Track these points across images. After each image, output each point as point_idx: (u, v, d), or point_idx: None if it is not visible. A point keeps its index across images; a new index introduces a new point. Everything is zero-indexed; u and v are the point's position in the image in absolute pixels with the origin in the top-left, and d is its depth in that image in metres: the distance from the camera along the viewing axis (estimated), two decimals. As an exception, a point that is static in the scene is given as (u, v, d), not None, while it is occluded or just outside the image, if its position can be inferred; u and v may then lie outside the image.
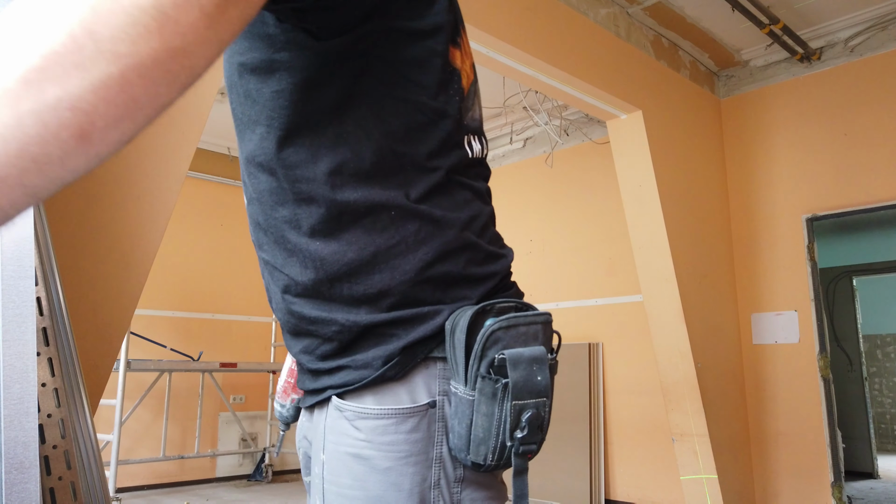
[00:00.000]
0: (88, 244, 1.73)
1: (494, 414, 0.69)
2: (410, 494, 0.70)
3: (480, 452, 0.70)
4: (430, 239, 0.73)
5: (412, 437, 0.71)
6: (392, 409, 0.71)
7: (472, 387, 0.69)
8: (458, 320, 0.71)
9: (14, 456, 0.91)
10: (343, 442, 0.73)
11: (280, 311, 0.79)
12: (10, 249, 0.98)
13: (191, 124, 1.96)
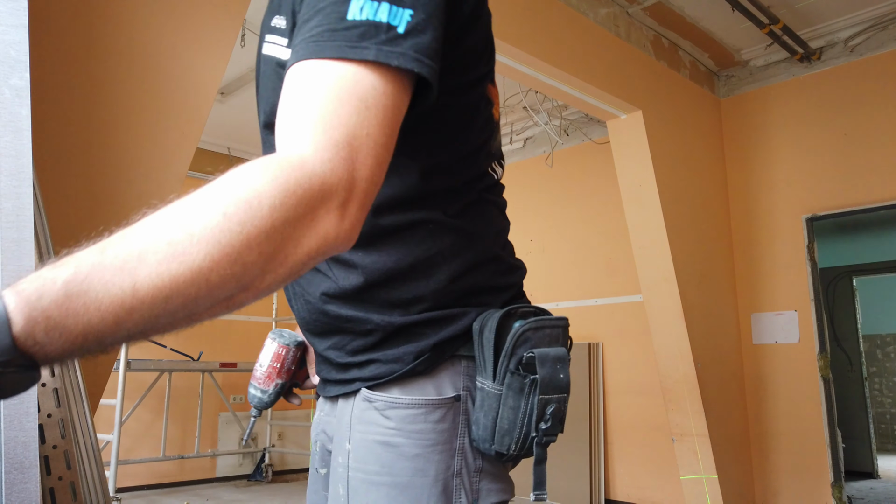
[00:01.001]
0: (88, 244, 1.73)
1: (520, 407, 0.75)
2: (435, 481, 0.75)
3: (505, 442, 0.75)
4: (464, 251, 0.80)
5: (439, 427, 0.76)
6: (422, 399, 0.77)
7: (500, 382, 0.76)
8: (486, 321, 0.77)
9: (14, 456, 0.90)
10: (372, 430, 0.77)
11: (310, 310, 0.84)
12: (10, 249, 0.98)
13: (191, 124, 1.96)
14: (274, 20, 0.78)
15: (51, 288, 0.43)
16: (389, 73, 0.60)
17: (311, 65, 0.59)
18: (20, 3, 1.10)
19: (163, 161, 1.89)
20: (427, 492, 0.75)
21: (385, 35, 0.60)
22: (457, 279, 0.79)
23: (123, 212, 1.81)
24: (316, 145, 0.54)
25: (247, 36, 4.19)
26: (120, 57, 1.83)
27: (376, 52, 0.59)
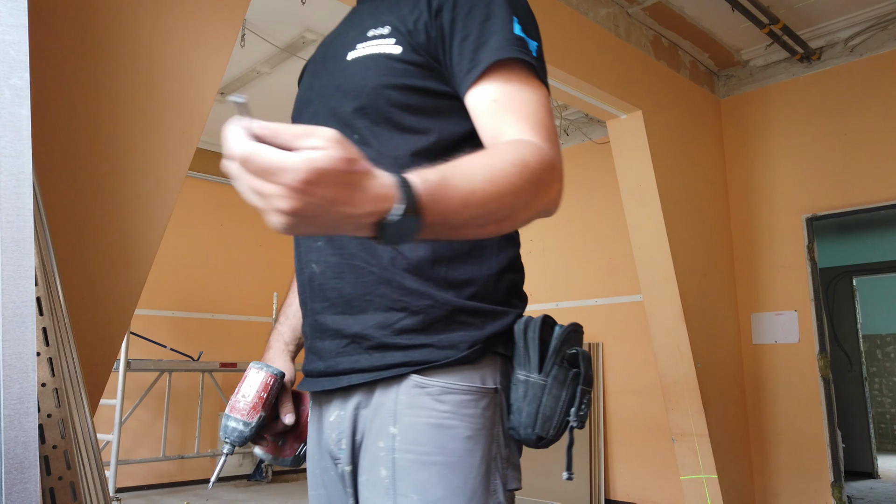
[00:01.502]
0: (88, 244, 1.73)
1: (561, 396, 0.88)
2: (482, 461, 0.84)
3: (546, 427, 0.87)
4: (506, 249, 0.93)
5: (486, 413, 0.86)
6: (475, 387, 0.86)
7: (545, 374, 0.87)
8: (528, 323, 0.89)
9: (14, 456, 0.91)
10: (424, 414, 0.84)
11: (363, 282, 0.89)
12: (10, 249, 0.98)
13: (191, 124, 1.96)
14: (369, 32, 0.95)
15: (432, 176, 0.65)
16: None
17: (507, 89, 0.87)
18: (20, 3, 1.10)
19: (163, 161, 1.89)
20: (474, 471, 0.83)
21: (532, 57, 0.88)
22: (502, 272, 0.92)
23: (123, 212, 1.81)
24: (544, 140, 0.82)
25: (247, 36, 4.19)
26: (120, 57, 1.83)
27: (535, 62, 0.88)
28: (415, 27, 0.92)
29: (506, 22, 0.87)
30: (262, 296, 6.33)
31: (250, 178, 0.57)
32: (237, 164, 0.57)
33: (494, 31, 0.87)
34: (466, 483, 0.82)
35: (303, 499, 5.06)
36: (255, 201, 0.60)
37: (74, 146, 1.73)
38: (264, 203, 0.59)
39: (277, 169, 0.56)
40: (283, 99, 5.18)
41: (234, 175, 0.59)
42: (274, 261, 6.49)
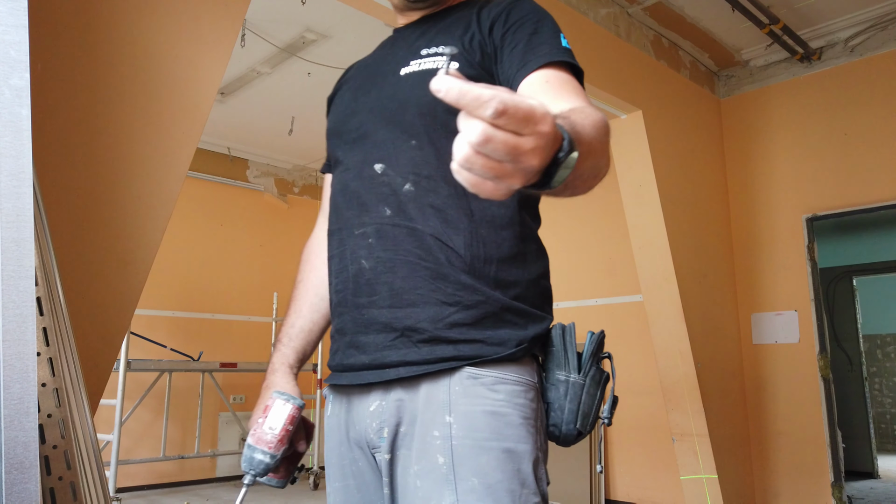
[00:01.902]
0: (88, 244, 1.73)
1: (596, 395, 0.96)
2: (532, 449, 0.90)
3: (585, 423, 0.95)
4: (541, 259, 1.02)
5: (533, 405, 0.92)
6: (525, 378, 0.93)
7: (584, 374, 0.95)
8: (565, 328, 0.98)
9: (14, 456, 0.91)
10: (480, 402, 0.89)
11: (417, 276, 0.94)
12: (10, 249, 0.98)
13: (191, 124, 1.96)
14: (422, 51, 1.02)
15: (563, 122, 0.64)
16: None
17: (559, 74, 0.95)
18: (20, 3, 1.10)
19: (163, 161, 1.89)
20: (527, 458, 0.88)
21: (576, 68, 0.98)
22: (539, 278, 0.99)
23: (123, 212, 1.81)
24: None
25: (247, 36, 4.19)
26: (120, 57, 1.83)
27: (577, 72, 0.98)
28: (470, 46, 1.00)
29: (553, 36, 0.98)
30: (262, 296, 6.33)
31: (504, 136, 0.50)
32: (491, 117, 0.49)
33: (543, 41, 0.96)
34: (522, 468, 0.87)
35: (303, 499, 5.06)
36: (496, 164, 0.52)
37: (74, 146, 1.73)
38: (512, 163, 0.52)
39: (539, 117, 0.52)
40: (283, 99, 5.19)
41: (475, 136, 0.50)
42: (274, 261, 6.49)
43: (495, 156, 0.51)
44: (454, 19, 1.07)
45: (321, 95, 5.38)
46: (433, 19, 1.11)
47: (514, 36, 0.98)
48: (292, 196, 6.79)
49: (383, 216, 0.96)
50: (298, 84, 4.92)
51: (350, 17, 3.96)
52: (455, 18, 1.07)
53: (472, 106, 0.49)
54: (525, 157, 0.52)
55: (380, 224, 0.96)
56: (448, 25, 1.06)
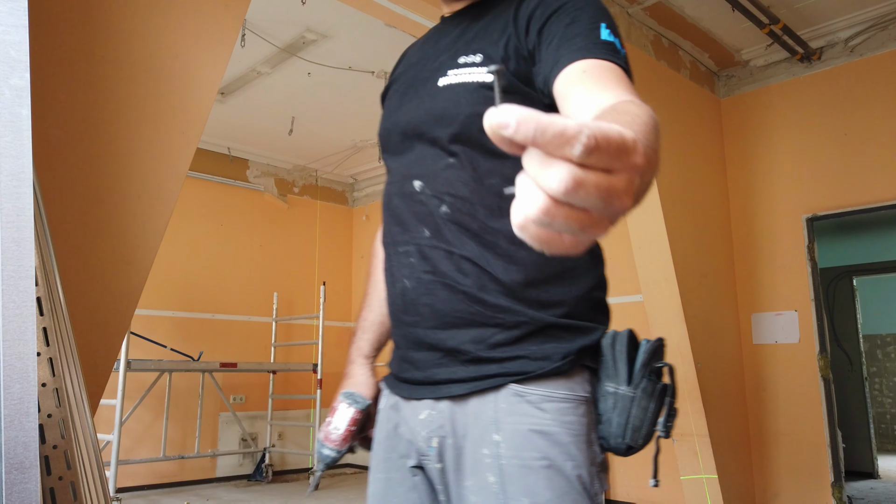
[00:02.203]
0: (88, 244, 1.73)
1: (649, 408, 0.90)
2: (580, 465, 0.88)
3: (635, 437, 0.90)
4: (593, 269, 0.98)
5: (583, 420, 0.90)
6: (573, 395, 0.90)
7: (634, 386, 0.90)
8: (616, 338, 0.94)
9: (14, 456, 0.90)
10: (526, 421, 0.88)
11: (456, 300, 0.93)
12: (10, 249, 0.98)
13: (191, 124, 1.96)
14: (460, 59, 0.99)
15: None
16: None
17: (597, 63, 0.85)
18: (20, 3, 1.10)
19: (163, 161, 1.89)
20: (578, 475, 0.87)
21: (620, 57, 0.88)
22: (591, 291, 0.96)
23: (124, 212, 1.81)
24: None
25: (247, 36, 4.19)
26: (120, 57, 1.83)
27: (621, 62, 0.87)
28: (506, 52, 0.95)
29: (592, 26, 0.89)
30: (262, 296, 6.33)
31: (596, 177, 0.39)
32: (580, 156, 0.39)
33: (579, 31, 0.89)
34: (571, 485, 0.86)
35: (303, 499, 5.06)
36: (582, 214, 0.41)
37: (74, 146, 1.73)
38: (603, 209, 0.41)
39: (632, 146, 0.42)
40: (283, 99, 5.19)
41: (561, 182, 0.38)
42: (274, 261, 6.49)
43: (584, 204, 0.40)
44: (493, 16, 1.02)
45: (321, 95, 5.39)
46: (475, 12, 1.06)
47: (550, 30, 0.92)
48: (292, 196, 6.79)
49: (422, 237, 0.97)
50: (298, 84, 4.92)
51: (350, 17, 3.96)
52: (494, 15, 1.02)
53: (555, 144, 0.38)
54: (618, 199, 0.41)
55: (419, 245, 0.97)
56: (487, 24, 1.02)
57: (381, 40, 4.28)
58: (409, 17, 2.96)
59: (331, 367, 6.61)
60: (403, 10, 2.91)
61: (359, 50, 4.43)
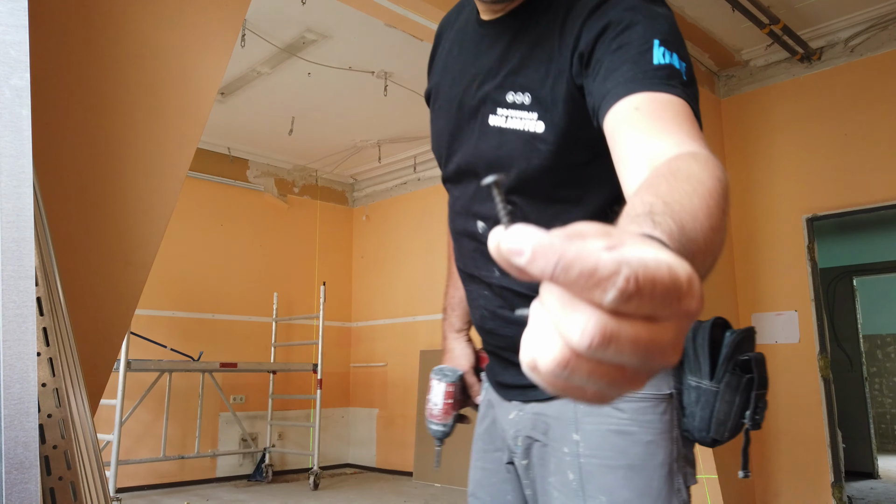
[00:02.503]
0: (88, 244, 1.73)
1: (735, 402, 0.89)
2: (663, 464, 0.88)
3: (720, 431, 0.89)
4: None
5: (664, 418, 0.90)
6: (651, 394, 0.90)
7: (717, 381, 0.89)
8: (697, 330, 0.92)
9: (14, 456, 0.90)
10: (605, 421, 0.89)
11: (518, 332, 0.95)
12: (10, 249, 0.98)
13: (191, 124, 1.96)
14: (508, 96, 0.92)
15: (673, 227, 0.44)
16: None
17: (652, 97, 0.74)
18: (20, 3, 1.10)
19: (163, 161, 1.89)
20: (657, 473, 0.87)
21: (679, 79, 0.76)
22: None
23: (124, 212, 1.81)
24: (709, 152, 0.66)
25: (247, 36, 4.19)
26: (120, 57, 1.83)
27: (680, 91, 0.75)
28: (553, 96, 0.87)
29: (643, 47, 0.77)
30: (262, 296, 6.33)
31: (633, 330, 0.31)
32: (615, 302, 0.30)
33: (628, 57, 0.78)
34: (651, 484, 0.87)
35: (302, 499, 5.06)
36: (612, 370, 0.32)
37: (74, 146, 1.73)
38: (640, 365, 0.33)
39: (686, 288, 0.32)
40: (283, 99, 5.19)
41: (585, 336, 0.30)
42: (274, 261, 6.49)
43: (616, 360, 0.32)
44: (539, 36, 0.91)
45: (321, 95, 5.39)
46: (517, 23, 0.95)
47: (597, 58, 0.81)
48: (292, 196, 6.79)
49: (493, 275, 0.98)
50: (298, 84, 4.92)
51: (350, 17, 3.96)
52: (540, 35, 0.91)
53: (581, 286, 0.30)
54: (661, 355, 0.32)
55: (490, 283, 0.99)
56: (533, 48, 0.91)
57: (381, 40, 4.28)
58: (409, 17, 2.96)
59: (331, 367, 6.61)
60: (403, 10, 2.91)
61: (359, 50, 4.43)
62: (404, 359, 6.41)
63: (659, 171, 0.58)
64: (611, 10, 0.82)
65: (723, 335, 0.91)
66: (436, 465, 1.22)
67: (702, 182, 0.54)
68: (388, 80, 4.84)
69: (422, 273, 6.38)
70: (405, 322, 6.52)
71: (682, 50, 0.80)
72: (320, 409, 5.79)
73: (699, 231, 0.47)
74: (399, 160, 6.59)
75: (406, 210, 6.75)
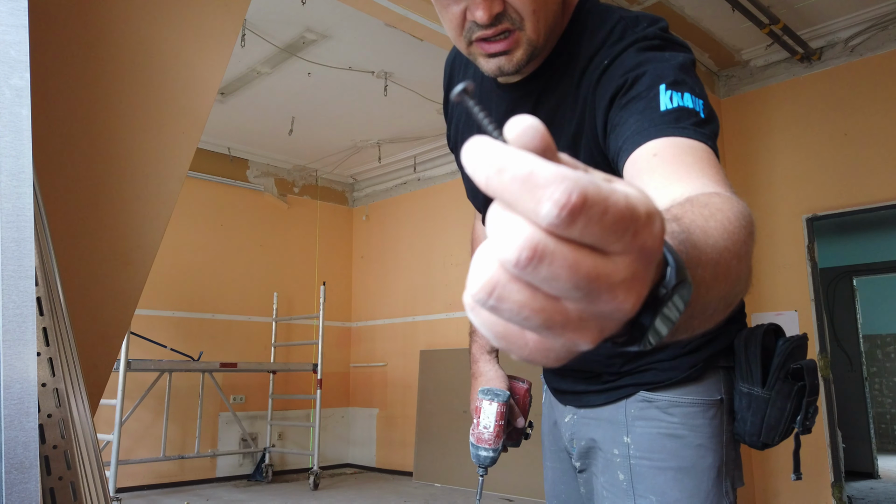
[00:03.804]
0: (88, 244, 1.73)
1: (786, 408, 0.92)
2: (711, 467, 0.91)
3: (771, 435, 0.93)
4: None
5: (713, 423, 0.92)
6: (702, 399, 0.92)
7: (769, 388, 0.91)
8: (749, 338, 0.95)
9: (14, 456, 0.90)
10: (655, 425, 0.92)
11: (594, 364, 0.98)
12: (10, 249, 0.98)
13: (191, 124, 1.96)
14: None
15: (676, 227, 0.43)
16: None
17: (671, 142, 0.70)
18: (20, 3, 1.10)
19: (163, 161, 1.89)
20: (707, 475, 0.90)
21: (695, 118, 0.72)
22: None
23: (124, 212, 1.81)
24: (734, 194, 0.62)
25: (247, 36, 4.19)
26: (120, 57, 1.83)
27: (693, 132, 0.71)
28: (576, 157, 0.83)
29: (652, 91, 0.74)
30: (262, 296, 6.33)
31: (571, 253, 0.27)
32: (552, 220, 0.26)
33: (638, 108, 0.74)
34: (700, 486, 0.89)
35: (303, 499, 5.06)
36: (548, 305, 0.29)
37: (74, 146, 1.73)
38: (584, 304, 0.29)
39: (644, 216, 0.29)
40: (284, 99, 5.19)
41: (512, 249, 0.27)
42: (274, 261, 6.49)
43: (550, 288, 0.28)
44: (559, 100, 0.89)
45: (321, 95, 5.38)
46: (539, 87, 0.91)
47: (611, 117, 0.79)
48: (292, 196, 6.79)
49: None
50: (298, 84, 4.92)
51: (350, 17, 3.96)
52: (560, 98, 0.88)
53: (518, 194, 0.27)
54: (609, 295, 0.28)
55: None
56: (554, 113, 0.89)
57: (381, 40, 4.28)
58: (409, 17, 2.96)
59: (331, 367, 6.61)
60: (403, 10, 2.91)
61: (359, 50, 4.43)
62: (404, 359, 6.41)
63: (677, 202, 0.54)
64: (618, 69, 0.80)
65: (775, 341, 0.94)
66: (478, 500, 1.20)
67: (721, 210, 0.51)
68: (388, 80, 4.84)
69: (422, 273, 6.38)
70: (405, 322, 6.52)
71: (696, 87, 0.76)
72: (320, 409, 5.79)
73: (710, 246, 0.44)
74: (399, 160, 6.59)
75: (406, 210, 6.75)
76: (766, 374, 0.92)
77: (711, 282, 0.43)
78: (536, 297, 0.28)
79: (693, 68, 0.79)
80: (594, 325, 0.30)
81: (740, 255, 0.48)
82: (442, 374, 5.74)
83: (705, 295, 0.42)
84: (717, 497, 0.90)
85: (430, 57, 4.36)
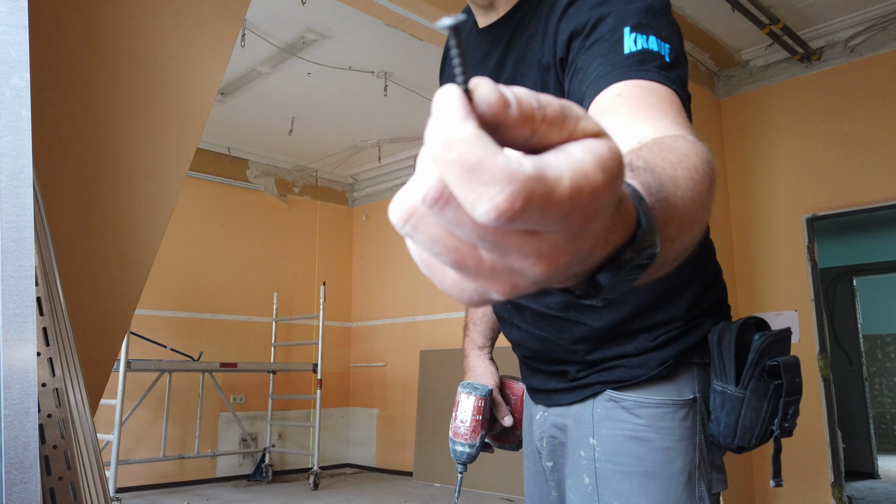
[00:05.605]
0: (88, 244, 1.73)
1: (762, 408, 0.85)
2: (682, 471, 0.85)
3: (747, 438, 0.86)
4: (697, 274, 0.92)
5: (684, 424, 0.87)
6: (670, 399, 0.87)
7: (743, 386, 0.85)
8: (723, 333, 0.87)
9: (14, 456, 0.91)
10: (621, 427, 0.88)
11: (555, 349, 0.96)
12: (10, 249, 0.98)
13: (191, 124, 1.96)
14: None
15: (650, 180, 0.42)
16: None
17: (635, 84, 0.69)
18: (20, 3, 1.10)
19: (163, 161, 1.89)
20: (675, 480, 0.85)
21: (659, 62, 0.71)
22: (696, 303, 0.90)
23: (124, 212, 1.81)
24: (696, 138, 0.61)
25: (247, 36, 4.19)
26: (120, 57, 1.83)
27: (657, 75, 0.70)
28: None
29: (615, 36, 0.73)
30: (262, 296, 6.33)
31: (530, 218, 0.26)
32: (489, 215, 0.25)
33: (601, 51, 0.74)
34: (668, 492, 0.84)
35: (302, 499, 5.06)
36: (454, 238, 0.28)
37: (74, 146, 1.73)
38: (496, 249, 0.28)
39: (574, 114, 0.28)
40: (284, 99, 5.19)
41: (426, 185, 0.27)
42: (274, 261, 6.49)
43: (459, 232, 0.28)
44: (528, 39, 0.90)
45: (321, 95, 5.38)
46: (511, 28, 0.94)
47: (571, 57, 0.79)
48: (292, 196, 6.79)
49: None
50: (298, 84, 4.92)
51: (350, 17, 3.96)
52: (529, 38, 0.90)
53: (458, 180, 0.26)
54: (521, 255, 0.28)
55: (517, 302, 0.99)
56: (525, 52, 0.91)
57: (381, 40, 4.28)
58: (409, 17, 2.96)
59: (331, 367, 6.61)
60: (403, 10, 2.91)
61: (359, 50, 4.43)
62: (404, 359, 6.41)
63: (642, 143, 0.54)
64: (582, 6, 0.79)
65: (752, 338, 0.87)
66: (456, 498, 1.15)
67: (687, 156, 0.50)
68: (388, 80, 4.84)
69: (422, 273, 6.37)
70: (405, 322, 6.52)
71: (662, 31, 0.74)
72: (320, 409, 5.79)
73: (679, 198, 0.43)
74: (399, 160, 6.59)
75: (406, 210, 6.74)
76: (741, 371, 0.85)
77: (676, 235, 0.43)
78: (451, 237, 0.28)
79: (664, 12, 0.77)
80: (507, 278, 0.29)
81: (704, 205, 0.48)
82: (442, 374, 5.74)
83: (668, 249, 0.41)
84: (692, 499, 0.85)
85: (430, 57, 4.36)
